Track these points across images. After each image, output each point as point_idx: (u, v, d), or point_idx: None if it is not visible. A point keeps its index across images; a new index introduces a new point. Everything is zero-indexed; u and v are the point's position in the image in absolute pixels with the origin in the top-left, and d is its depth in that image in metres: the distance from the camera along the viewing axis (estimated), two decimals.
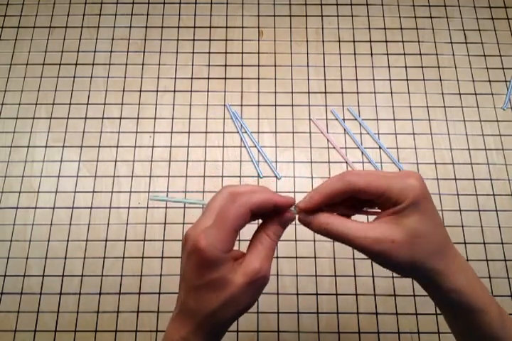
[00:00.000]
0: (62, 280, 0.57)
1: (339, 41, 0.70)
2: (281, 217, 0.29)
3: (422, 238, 0.26)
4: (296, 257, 0.58)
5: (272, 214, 0.29)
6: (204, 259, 0.26)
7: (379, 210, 0.29)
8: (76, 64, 0.68)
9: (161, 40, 0.70)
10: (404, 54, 0.69)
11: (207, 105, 0.66)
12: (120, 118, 0.65)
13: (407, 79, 0.68)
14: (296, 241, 0.58)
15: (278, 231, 0.29)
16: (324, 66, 0.68)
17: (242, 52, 0.69)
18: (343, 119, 0.65)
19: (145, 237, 0.59)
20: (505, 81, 0.67)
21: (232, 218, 0.26)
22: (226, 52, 0.69)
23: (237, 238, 0.27)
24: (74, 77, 0.68)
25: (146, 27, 0.71)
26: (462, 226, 0.59)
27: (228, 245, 0.26)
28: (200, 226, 0.27)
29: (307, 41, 0.70)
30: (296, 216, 0.29)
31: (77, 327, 0.55)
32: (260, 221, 0.30)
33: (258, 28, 0.71)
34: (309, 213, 0.29)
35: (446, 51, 0.69)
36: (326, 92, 0.67)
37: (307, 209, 0.28)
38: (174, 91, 0.67)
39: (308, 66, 0.68)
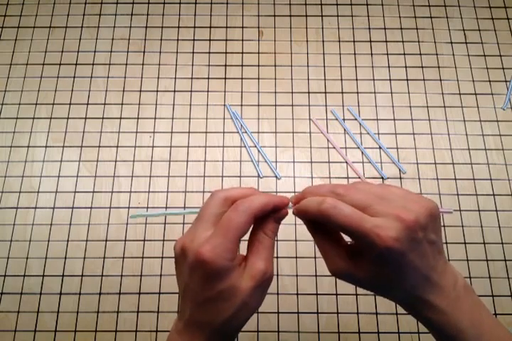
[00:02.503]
0: (62, 280, 0.57)
1: (339, 41, 0.70)
2: (277, 214, 0.28)
3: (386, 283, 0.26)
4: (296, 257, 0.58)
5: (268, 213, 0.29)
6: (212, 271, 0.25)
7: None
8: (76, 64, 0.68)
9: (161, 40, 0.70)
10: (404, 54, 0.69)
11: (207, 105, 0.66)
12: (120, 118, 0.65)
13: (407, 79, 0.68)
14: (296, 241, 0.58)
15: (275, 228, 0.29)
16: (324, 66, 0.68)
17: (242, 52, 0.69)
18: (343, 119, 0.65)
19: (145, 237, 0.59)
20: (505, 81, 0.67)
21: (237, 226, 0.25)
22: (226, 52, 0.69)
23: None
24: (74, 77, 0.68)
25: (146, 27, 0.71)
26: (462, 226, 0.59)
27: (234, 253, 0.26)
28: (198, 237, 0.26)
29: (307, 41, 0.70)
30: (290, 210, 0.30)
31: (77, 327, 0.55)
32: None
33: (258, 28, 0.71)
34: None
35: (446, 51, 0.69)
36: (326, 92, 0.67)
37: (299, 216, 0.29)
38: (174, 91, 0.67)
39: (308, 66, 0.68)
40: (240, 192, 0.28)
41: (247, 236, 0.29)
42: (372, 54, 0.69)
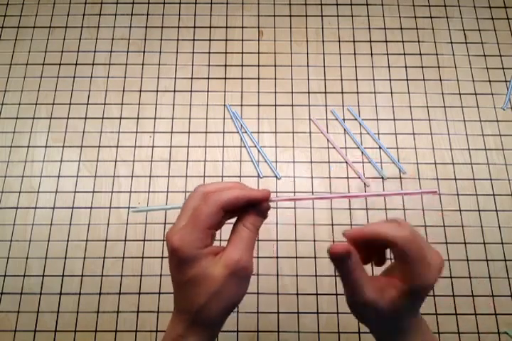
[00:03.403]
0: (62, 280, 0.57)
1: (339, 41, 0.70)
2: (257, 207, 0.29)
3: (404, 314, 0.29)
4: (296, 257, 0.58)
5: (251, 207, 0.29)
6: (181, 258, 0.27)
7: None
8: (76, 64, 0.68)
9: (161, 40, 0.70)
10: (404, 54, 0.69)
11: (207, 105, 0.66)
12: (120, 118, 0.65)
13: (407, 79, 0.68)
14: (296, 241, 0.58)
15: (256, 222, 0.29)
16: (324, 66, 0.68)
17: (242, 52, 0.69)
18: (343, 119, 0.65)
19: (145, 237, 0.59)
20: (505, 81, 0.67)
21: (204, 217, 0.27)
22: (226, 52, 0.69)
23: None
24: (74, 77, 0.68)
25: (146, 27, 0.71)
26: (462, 226, 0.59)
27: (204, 242, 0.27)
28: (175, 228, 0.28)
29: (307, 41, 0.70)
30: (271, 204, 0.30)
31: (77, 327, 0.55)
32: None
33: (258, 28, 0.71)
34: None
35: (446, 51, 0.69)
36: (326, 92, 0.67)
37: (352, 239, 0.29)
38: (174, 91, 0.67)
39: (308, 66, 0.68)
40: (218, 187, 0.29)
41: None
42: (372, 54, 0.69)
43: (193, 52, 0.69)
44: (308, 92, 0.67)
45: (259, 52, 0.69)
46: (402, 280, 0.27)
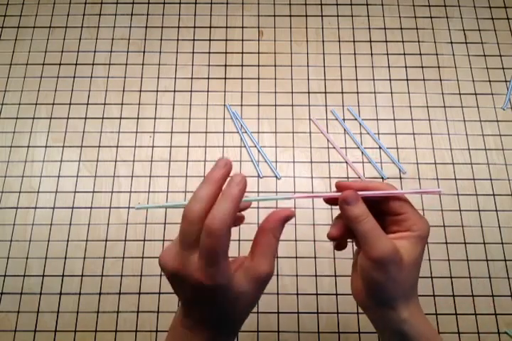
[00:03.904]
0: (62, 280, 0.57)
1: (339, 41, 0.70)
2: (285, 216, 0.29)
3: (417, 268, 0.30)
4: (296, 257, 0.58)
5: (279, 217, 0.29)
6: (221, 295, 0.26)
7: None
8: (76, 64, 0.68)
9: (161, 40, 0.70)
10: (404, 54, 0.69)
11: (207, 105, 0.66)
12: (120, 118, 0.65)
13: (407, 79, 0.68)
14: (296, 241, 0.58)
15: (281, 230, 0.29)
16: (324, 66, 0.68)
17: (242, 52, 0.69)
18: (343, 119, 0.65)
19: (145, 237, 0.59)
20: (505, 81, 0.67)
21: (220, 250, 0.25)
22: (226, 52, 0.69)
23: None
24: (74, 77, 0.68)
25: (146, 27, 0.71)
26: (462, 226, 0.59)
27: (230, 269, 0.26)
28: (189, 264, 0.26)
29: (307, 41, 0.70)
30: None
31: (77, 327, 0.55)
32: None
33: (258, 28, 0.71)
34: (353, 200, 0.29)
35: (446, 51, 0.69)
36: (326, 92, 0.67)
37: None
38: (174, 91, 0.67)
39: (308, 66, 0.68)
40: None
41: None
42: (372, 54, 0.69)
43: (193, 52, 0.69)
44: (308, 92, 0.67)
45: (259, 52, 0.69)
46: (408, 231, 0.29)
